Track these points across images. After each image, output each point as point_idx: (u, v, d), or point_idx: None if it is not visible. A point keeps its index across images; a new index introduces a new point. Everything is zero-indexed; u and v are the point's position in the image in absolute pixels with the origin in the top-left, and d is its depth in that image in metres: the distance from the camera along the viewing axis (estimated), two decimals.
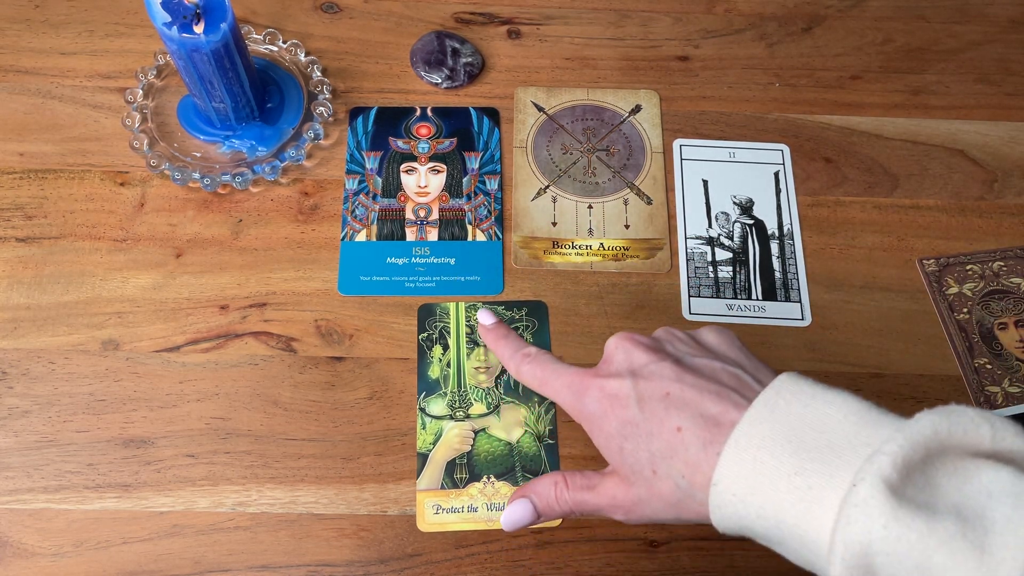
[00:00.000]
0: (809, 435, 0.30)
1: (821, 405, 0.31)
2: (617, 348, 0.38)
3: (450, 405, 0.49)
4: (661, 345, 0.38)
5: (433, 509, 0.46)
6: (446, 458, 0.48)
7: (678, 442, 0.33)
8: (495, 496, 0.47)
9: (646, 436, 0.35)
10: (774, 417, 0.32)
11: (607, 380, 0.36)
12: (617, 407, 0.36)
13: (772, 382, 0.33)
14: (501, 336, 0.42)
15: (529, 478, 0.47)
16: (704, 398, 0.34)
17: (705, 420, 0.33)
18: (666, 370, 0.36)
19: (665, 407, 0.34)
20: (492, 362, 0.50)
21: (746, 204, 0.57)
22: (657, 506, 0.35)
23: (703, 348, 0.38)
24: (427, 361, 0.50)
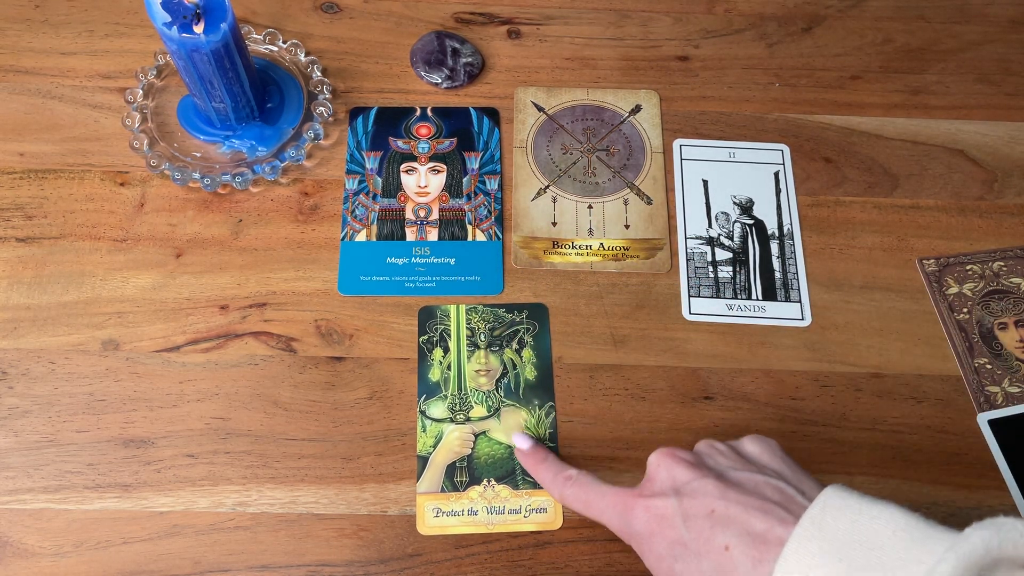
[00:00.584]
0: (859, 552, 0.31)
1: (868, 521, 0.31)
2: (660, 466, 0.38)
3: (450, 408, 0.49)
4: (702, 460, 0.38)
5: (433, 512, 0.46)
6: (446, 461, 0.48)
7: (727, 561, 0.34)
8: (495, 499, 0.47)
9: (695, 556, 0.35)
10: (823, 535, 0.32)
11: (652, 500, 0.37)
12: (665, 527, 0.36)
13: (817, 497, 0.33)
14: (540, 460, 0.44)
15: (530, 481, 0.47)
16: (750, 515, 0.34)
17: (753, 538, 0.34)
18: (709, 487, 0.36)
19: (711, 525, 0.35)
20: (492, 365, 0.50)
21: (746, 204, 0.57)
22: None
23: (744, 460, 0.38)
24: (427, 364, 0.50)
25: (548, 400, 0.50)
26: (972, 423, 0.50)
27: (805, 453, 0.49)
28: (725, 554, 0.34)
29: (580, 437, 0.49)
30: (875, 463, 0.49)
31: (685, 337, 0.52)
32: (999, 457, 0.49)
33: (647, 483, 0.39)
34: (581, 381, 0.51)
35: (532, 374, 0.50)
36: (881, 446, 0.49)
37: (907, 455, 0.49)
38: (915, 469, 0.49)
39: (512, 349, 0.51)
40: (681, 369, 0.51)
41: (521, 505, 0.47)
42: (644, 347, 0.52)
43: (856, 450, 0.49)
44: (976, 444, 0.49)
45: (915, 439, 0.49)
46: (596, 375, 0.51)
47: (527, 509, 0.47)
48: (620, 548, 0.46)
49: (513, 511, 0.47)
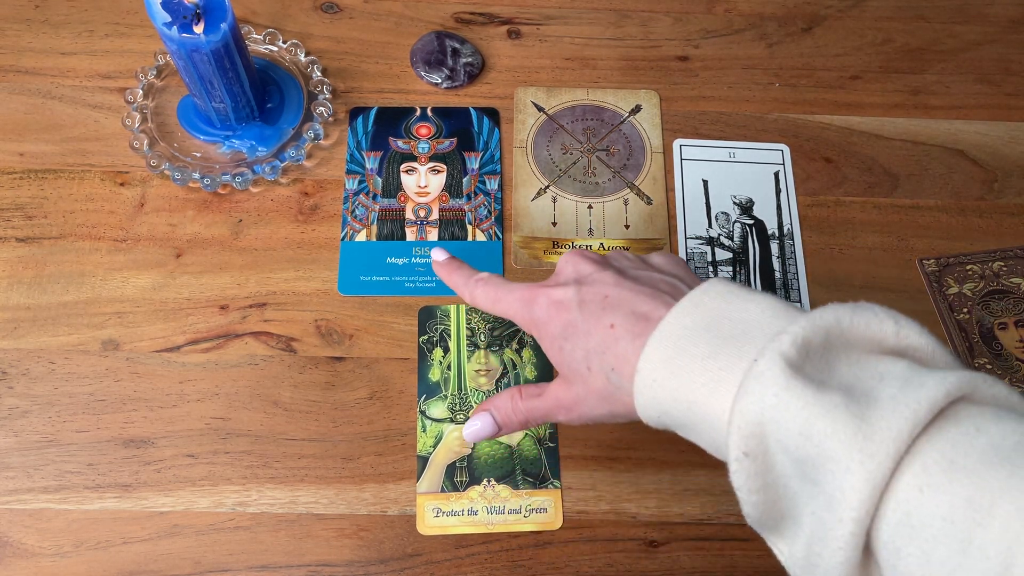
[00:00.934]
0: (727, 325, 0.32)
1: (743, 302, 0.33)
2: (567, 262, 0.40)
3: (451, 408, 0.49)
4: (608, 260, 0.40)
5: (433, 512, 0.46)
6: (446, 461, 0.48)
7: (611, 338, 0.35)
8: (495, 499, 0.47)
9: (584, 335, 0.36)
10: (698, 311, 0.33)
11: (554, 289, 0.38)
12: (561, 311, 0.37)
13: (704, 283, 0.35)
14: (454, 268, 0.44)
15: (530, 481, 0.47)
16: (638, 298, 0.36)
17: (636, 317, 0.35)
18: (608, 277, 0.37)
19: (602, 307, 0.36)
20: (493, 365, 0.50)
21: (746, 204, 0.57)
22: (593, 402, 0.37)
23: (649, 267, 0.39)
24: (427, 364, 0.50)
25: None
26: None
27: None
28: (610, 331, 0.35)
29: (580, 437, 0.49)
30: None
31: None
32: None
33: (553, 277, 0.40)
34: None
35: (532, 374, 0.50)
36: None
37: None
38: None
39: (512, 349, 0.51)
40: None
41: (521, 505, 0.47)
42: None
43: None
44: None
45: None
46: None
47: (527, 509, 0.47)
48: (620, 548, 0.46)
49: (513, 511, 0.47)
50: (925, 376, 0.28)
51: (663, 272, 0.38)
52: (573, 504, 0.47)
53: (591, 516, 0.47)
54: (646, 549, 0.46)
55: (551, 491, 0.47)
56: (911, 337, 0.30)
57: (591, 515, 0.47)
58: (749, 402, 0.29)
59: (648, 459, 0.49)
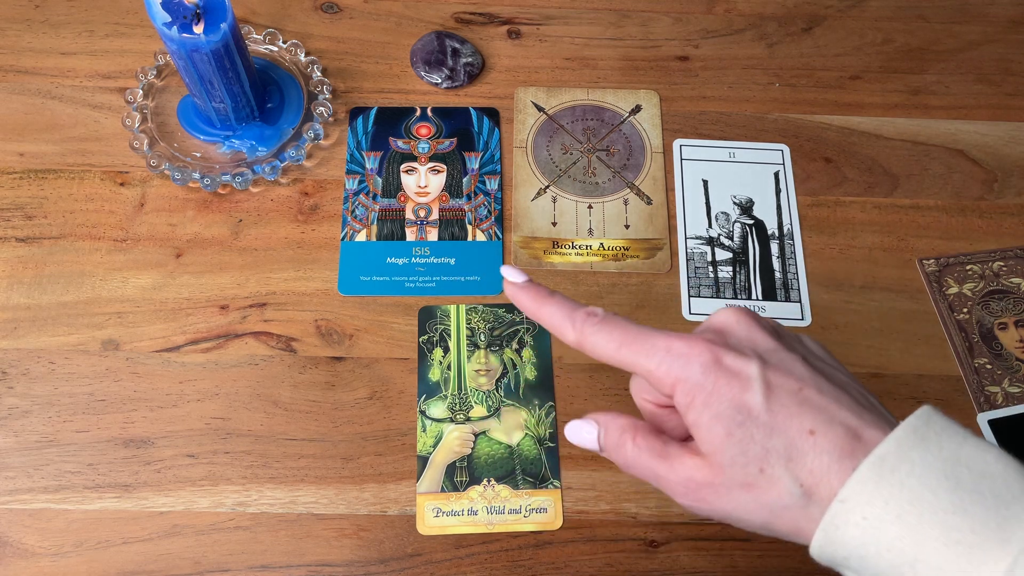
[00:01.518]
0: (967, 475, 0.27)
1: (975, 449, 0.28)
2: (738, 323, 0.33)
3: (450, 408, 0.49)
4: (782, 336, 0.34)
5: (433, 512, 0.46)
6: (446, 461, 0.48)
7: (808, 446, 0.30)
8: (495, 499, 0.47)
9: (765, 429, 0.30)
10: (925, 447, 0.28)
11: (727, 353, 0.31)
12: (736, 387, 0.31)
13: (918, 410, 0.30)
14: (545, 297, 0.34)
15: (530, 481, 0.47)
16: (842, 407, 0.30)
17: (845, 430, 0.30)
18: (798, 366, 0.32)
19: (799, 404, 0.30)
20: (492, 364, 0.50)
21: (746, 204, 0.57)
22: (748, 506, 0.31)
23: (817, 356, 0.34)
24: (427, 364, 0.50)
25: (548, 400, 0.50)
26: (972, 423, 0.50)
27: None
28: (808, 438, 0.30)
29: None
30: None
31: None
32: None
33: (718, 334, 0.33)
34: (581, 381, 0.51)
35: (532, 374, 0.50)
36: None
37: None
38: None
39: (512, 349, 0.51)
40: None
41: (521, 505, 0.47)
42: None
43: None
44: None
45: None
46: (596, 375, 0.51)
47: (527, 509, 0.47)
48: (620, 548, 0.46)
49: (513, 511, 0.47)
50: None
51: (841, 372, 0.33)
52: (573, 504, 0.47)
53: (591, 516, 0.47)
54: (646, 549, 0.46)
55: (551, 491, 0.47)
56: None
57: (591, 515, 0.47)
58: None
59: None
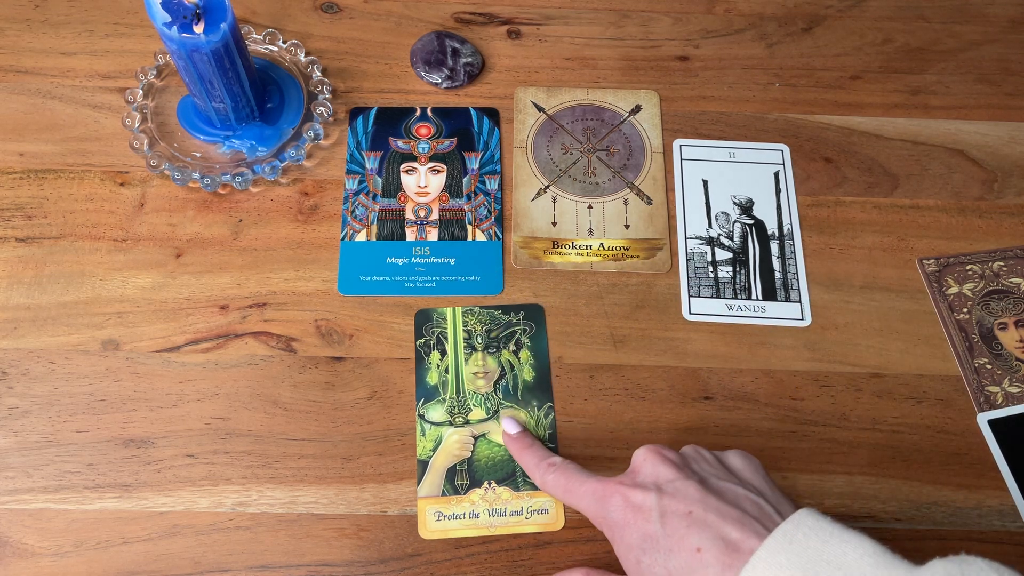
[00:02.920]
0: (825, 570, 0.31)
1: (838, 543, 0.32)
2: (645, 461, 0.39)
3: (449, 411, 0.49)
4: (687, 463, 0.39)
5: (435, 516, 0.46)
6: (446, 464, 0.48)
7: (697, 563, 0.34)
8: (496, 502, 0.47)
9: (665, 552, 0.36)
10: (791, 549, 0.33)
11: (632, 490, 0.38)
12: (640, 519, 0.37)
13: (792, 515, 0.34)
14: (526, 446, 0.45)
15: (531, 483, 0.47)
16: (726, 523, 0.35)
17: (726, 544, 0.34)
18: (691, 489, 0.37)
19: (687, 526, 0.36)
20: (490, 367, 0.50)
21: (746, 204, 0.57)
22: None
23: (728, 471, 0.39)
24: (425, 367, 0.50)
25: (547, 401, 0.50)
26: (972, 423, 0.50)
27: (805, 453, 0.49)
28: (696, 555, 0.35)
29: (580, 437, 0.49)
30: (875, 463, 0.49)
31: (685, 337, 0.52)
32: (999, 457, 0.49)
33: (630, 474, 0.40)
34: (581, 381, 0.51)
35: (530, 375, 0.50)
36: (881, 446, 0.49)
37: (907, 455, 0.49)
38: (915, 469, 0.49)
39: (509, 351, 0.51)
40: (681, 369, 0.51)
41: (523, 507, 0.47)
42: (644, 347, 0.52)
43: (856, 450, 0.49)
44: (976, 444, 0.49)
45: (915, 439, 0.49)
46: (596, 375, 0.51)
47: (528, 511, 0.47)
48: None
49: (515, 513, 0.47)
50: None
51: (745, 484, 0.38)
52: None
53: None
54: None
55: None
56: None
57: None
58: None
59: None
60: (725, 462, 0.40)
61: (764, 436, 0.49)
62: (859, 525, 0.47)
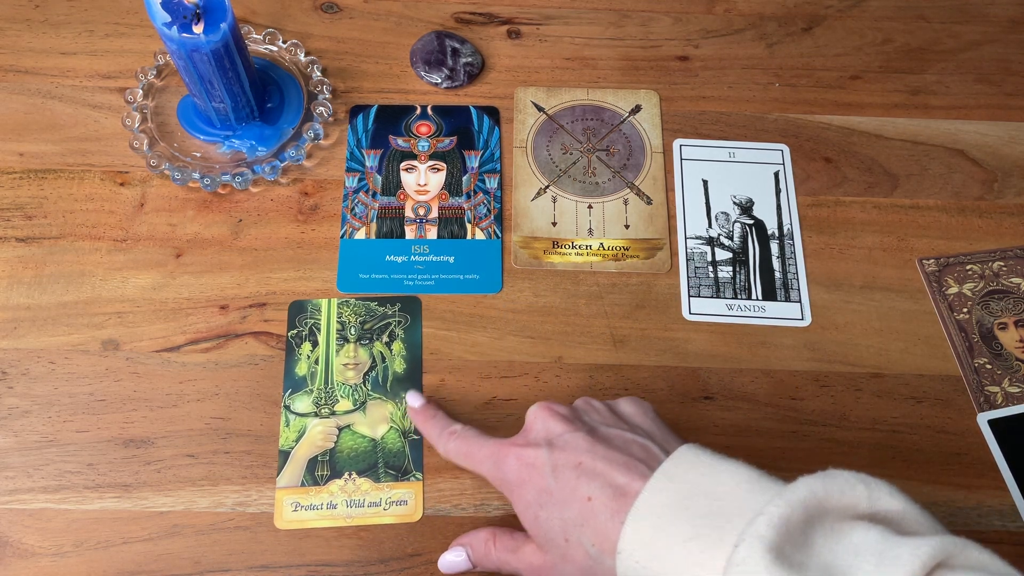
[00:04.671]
0: (703, 502, 0.33)
1: (715, 474, 0.34)
2: (536, 418, 0.40)
3: (316, 402, 0.49)
4: (578, 415, 0.40)
5: (292, 506, 0.46)
6: (308, 455, 0.48)
7: (588, 511, 0.35)
8: (355, 493, 0.47)
9: (559, 505, 0.36)
10: (672, 487, 0.34)
11: (524, 449, 0.39)
12: (534, 475, 0.38)
13: (673, 453, 0.35)
14: (429, 417, 0.45)
15: (392, 474, 0.47)
16: (613, 469, 0.36)
17: (614, 490, 0.35)
18: (580, 440, 0.38)
19: (577, 476, 0.36)
20: (361, 358, 0.50)
21: (746, 204, 0.57)
22: (570, 572, 0.37)
23: (618, 418, 0.40)
24: (295, 358, 0.50)
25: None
26: (972, 423, 0.50)
27: (805, 453, 0.49)
28: (587, 504, 0.35)
29: None
30: (875, 463, 0.49)
31: (685, 337, 0.52)
32: (999, 457, 0.49)
33: (523, 434, 0.40)
34: (581, 381, 0.51)
35: (401, 367, 0.50)
36: (881, 446, 0.49)
37: (907, 455, 0.49)
38: (915, 469, 0.49)
39: (382, 342, 0.51)
40: (681, 369, 0.51)
41: (381, 498, 0.47)
42: (644, 347, 0.52)
43: (856, 450, 0.49)
44: (976, 444, 0.49)
45: (915, 439, 0.49)
46: (596, 375, 0.51)
47: (387, 502, 0.47)
48: None
49: (373, 504, 0.46)
50: (899, 547, 0.28)
51: (634, 427, 0.39)
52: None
53: None
54: None
55: (413, 483, 0.47)
56: (882, 500, 0.31)
57: None
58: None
59: None
60: (616, 410, 0.41)
61: (764, 436, 0.49)
62: None
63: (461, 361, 0.51)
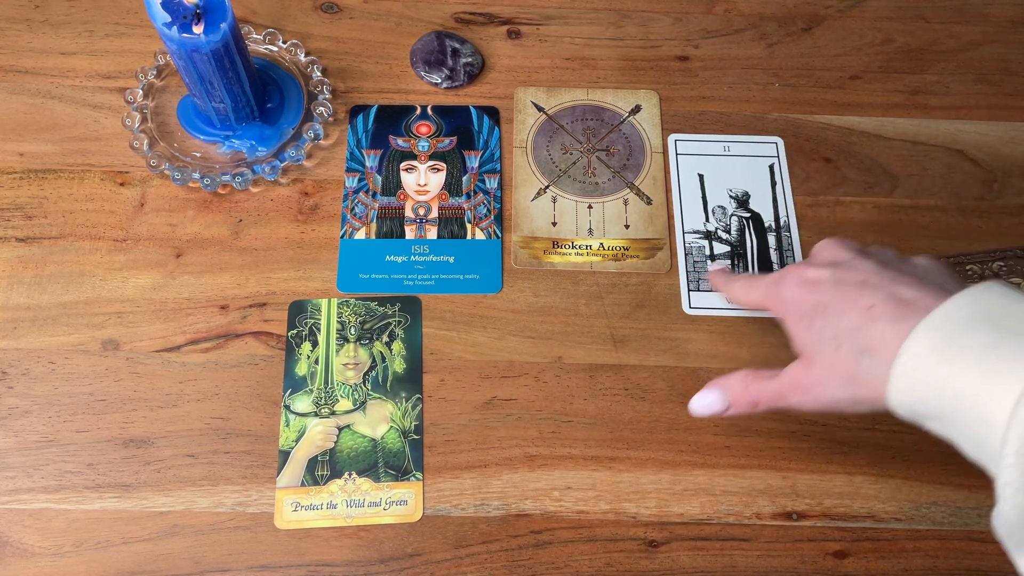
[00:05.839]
0: (1010, 322, 0.30)
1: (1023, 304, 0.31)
2: (823, 247, 0.39)
3: (315, 402, 0.49)
4: (868, 251, 0.38)
5: (292, 506, 0.46)
6: (308, 455, 0.48)
7: (868, 317, 0.34)
8: (355, 492, 0.47)
9: (836, 315, 0.35)
10: (976, 305, 0.31)
11: (807, 268, 0.38)
12: (814, 290, 0.36)
13: (982, 283, 0.33)
14: (719, 274, 0.47)
15: (392, 474, 0.47)
16: (902, 285, 0.34)
17: (898, 301, 0.33)
18: (868, 265, 0.36)
19: (860, 289, 0.35)
20: (361, 358, 0.50)
21: (742, 197, 0.57)
22: (835, 384, 0.35)
23: (911, 264, 0.37)
24: (295, 358, 0.50)
25: (416, 392, 0.50)
26: None
27: (805, 453, 0.49)
28: (867, 312, 0.34)
29: (580, 437, 0.49)
30: (875, 463, 0.49)
31: (685, 337, 0.52)
32: None
33: (807, 260, 0.39)
34: (581, 381, 0.51)
35: (401, 367, 0.50)
36: (881, 446, 0.49)
37: (907, 455, 0.49)
38: (915, 469, 0.49)
39: (382, 342, 0.51)
40: (681, 369, 0.51)
41: (381, 498, 0.47)
42: (644, 347, 0.52)
43: (856, 450, 0.49)
44: None
45: (915, 439, 0.49)
46: (596, 375, 0.51)
47: (387, 502, 0.47)
48: (620, 548, 0.46)
49: (373, 504, 0.47)
50: None
51: (928, 272, 0.37)
52: (573, 504, 0.47)
53: (591, 516, 0.47)
54: (646, 549, 0.46)
55: (413, 483, 0.47)
56: None
57: (591, 515, 0.47)
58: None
59: (648, 459, 0.49)
60: (909, 259, 0.38)
61: (765, 436, 0.49)
62: (859, 525, 0.47)
63: (461, 361, 0.51)
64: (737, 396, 0.39)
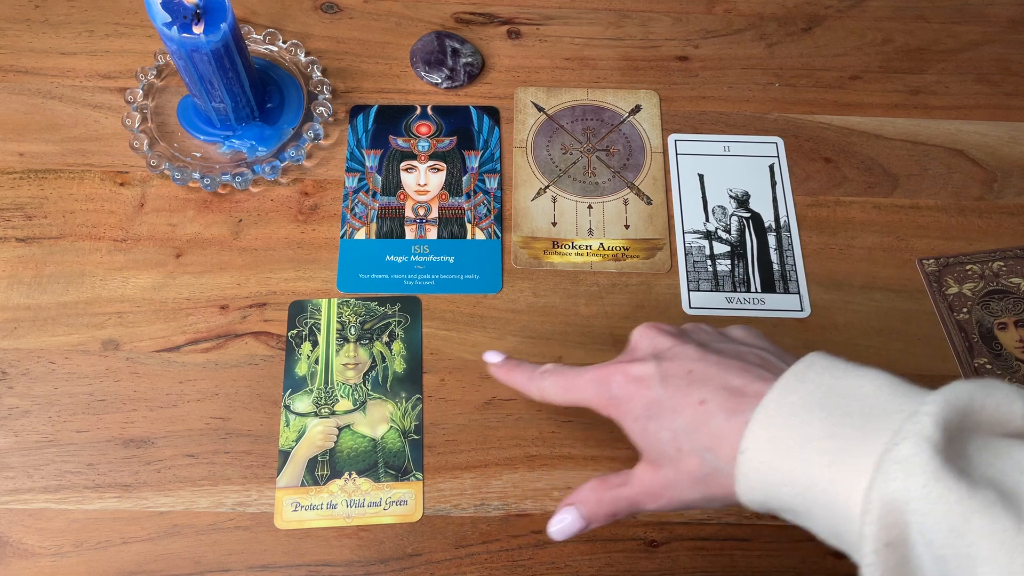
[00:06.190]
0: (841, 403, 0.30)
1: (853, 378, 0.31)
2: (642, 336, 0.38)
3: (315, 402, 0.49)
4: (686, 333, 0.38)
5: (292, 506, 0.46)
6: (308, 455, 0.48)
7: (702, 415, 0.33)
8: (355, 493, 0.47)
9: (670, 413, 0.34)
10: (804, 387, 0.31)
11: (630, 365, 0.36)
12: (642, 388, 0.35)
13: (804, 357, 0.33)
14: (514, 367, 0.42)
15: (392, 474, 0.47)
16: (728, 372, 0.34)
17: (729, 392, 0.33)
18: (689, 351, 0.35)
19: (688, 383, 0.34)
20: (361, 358, 0.50)
21: (742, 197, 0.57)
22: (684, 485, 0.34)
23: (728, 338, 0.37)
24: (295, 358, 0.50)
25: (416, 392, 0.50)
26: None
27: None
28: (700, 408, 0.33)
29: (580, 437, 0.49)
30: None
31: None
32: None
33: (628, 353, 0.38)
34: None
35: (401, 367, 0.50)
36: None
37: None
38: None
39: (382, 342, 0.51)
40: None
41: (381, 498, 0.47)
42: None
43: None
44: None
45: None
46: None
47: (387, 502, 0.47)
48: (620, 548, 0.46)
49: (373, 504, 0.47)
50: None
51: (747, 344, 0.36)
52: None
53: None
54: (646, 549, 0.46)
55: (413, 483, 0.47)
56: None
57: None
58: (893, 489, 0.26)
59: None
60: (726, 333, 0.38)
61: None
62: None
63: (461, 361, 0.51)
64: (593, 511, 0.37)
